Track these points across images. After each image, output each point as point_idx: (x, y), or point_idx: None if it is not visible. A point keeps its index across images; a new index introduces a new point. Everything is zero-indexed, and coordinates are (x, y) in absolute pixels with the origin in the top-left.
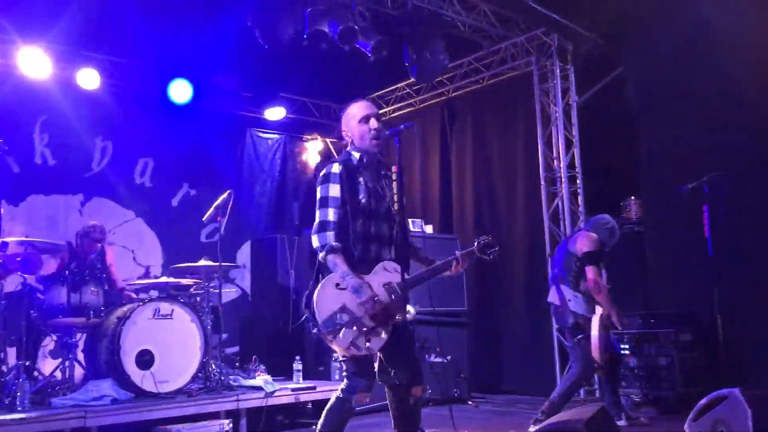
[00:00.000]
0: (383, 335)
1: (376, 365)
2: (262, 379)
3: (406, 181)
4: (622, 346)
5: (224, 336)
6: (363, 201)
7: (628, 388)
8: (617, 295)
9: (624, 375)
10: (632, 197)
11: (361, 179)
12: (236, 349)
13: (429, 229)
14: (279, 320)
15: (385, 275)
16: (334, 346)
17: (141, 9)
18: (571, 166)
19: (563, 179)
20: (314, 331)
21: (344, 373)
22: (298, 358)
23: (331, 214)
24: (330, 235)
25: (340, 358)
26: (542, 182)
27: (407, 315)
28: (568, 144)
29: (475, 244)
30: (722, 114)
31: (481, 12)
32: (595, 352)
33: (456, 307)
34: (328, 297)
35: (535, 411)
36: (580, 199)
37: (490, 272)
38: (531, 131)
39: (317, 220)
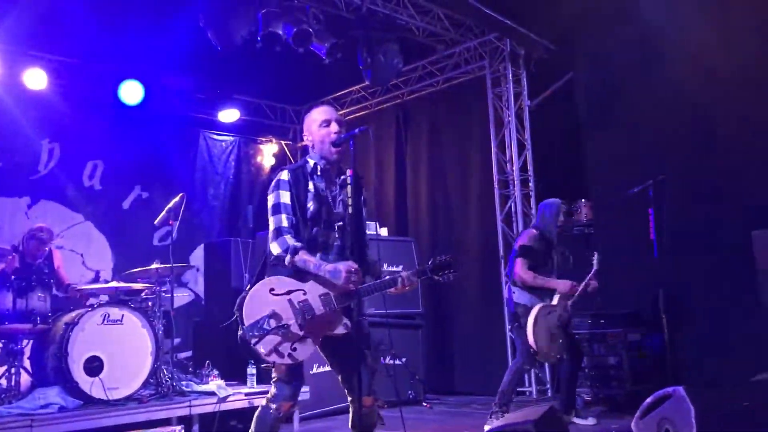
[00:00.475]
0: (311, 345)
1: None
2: (215, 384)
3: (365, 178)
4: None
5: (177, 341)
6: (311, 208)
7: (579, 388)
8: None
9: None
10: (582, 200)
11: (311, 186)
12: (189, 353)
13: (384, 231)
14: (232, 324)
15: (324, 285)
16: (257, 350)
17: (91, 8)
18: (523, 168)
19: (516, 182)
20: (239, 333)
21: (272, 380)
22: (251, 362)
23: (284, 220)
24: (288, 238)
25: (271, 367)
26: (495, 185)
27: (343, 328)
28: (521, 147)
29: (429, 263)
30: (668, 119)
31: (435, 16)
32: (531, 340)
33: (411, 309)
34: (260, 301)
35: (489, 411)
36: (532, 201)
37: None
38: (485, 134)
39: (272, 227)
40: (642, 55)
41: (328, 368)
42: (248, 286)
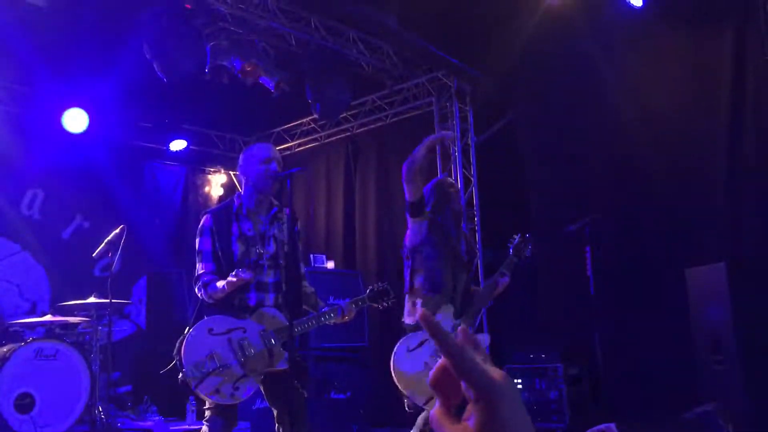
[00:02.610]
0: (253, 383)
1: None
2: (152, 421)
3: (306, 216)
4: (515, 381)
5: (117, 374)
6: (236, 251)
7: None
8: (510, 330)
9: None
10: (527, 234)
11: (235, 228)
12: (129, 388)
13: (331, 264)
14: (176, 345)
15: (262, 322)
16: (199, 393)
17: (35, 35)
18: (469, 203)
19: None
20: (179, 377)
21: (204, 418)
22: (192, 398)
23: (201, 268)
24: (206, 283)
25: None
26: None
27: (284, 363)
28: (467, 182)
29: (367, 292)
30: (605, 156)
31: (384, 53)
32: (398, 382)
33: (356, 342)
34: (199, 342)
35: None
36: (477, 236)
37: (392, 308)
38: (432, 169)
39: (196, 273)
40: (581, 92)
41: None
42: (187, 329)
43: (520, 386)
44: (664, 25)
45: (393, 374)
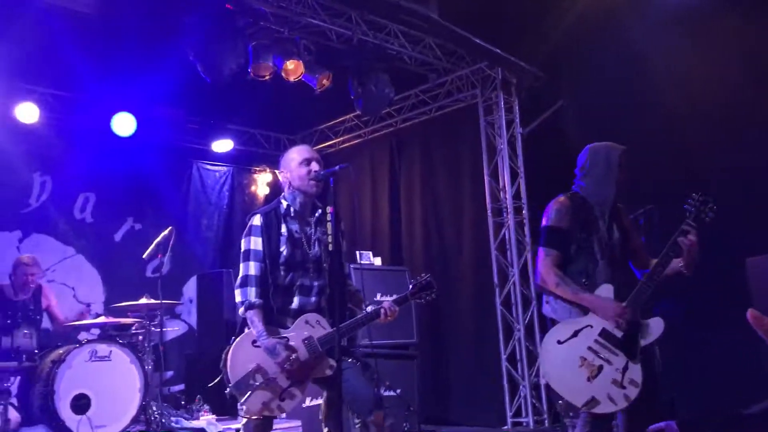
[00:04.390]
0: (299, 395)
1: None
2: (205, 420)
3: (351, 213)
4: None
5: (169, 374)
6: (284, 252)
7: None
8: None
9: None
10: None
11: (284, 229)
12: (182, 387)
13: (378, 261)
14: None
15: (306, 330)
16: (246, 408)
17: (83, 42)
18: (516, 196)
19: (509, 210)
20: (227, 391)
21: (241, 422)
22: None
23: (253, 268)
24: (251, 291)
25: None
26: (489, 213)
27: (330, 370)
28: (514, 175)
29: (409, 287)
30: (656, 145)
31: (426, 46)
32: (548, 380)
33: (405, 339)
34: (243, 356)
35: None
36: (526, 229)
37: (440, 302)
38: (477, 162)
39: (240, 274)
40: (628, 79)
41: (319, 401)
42: (233, 338)
43: None
44: (716, 8)
45: (542, 372)
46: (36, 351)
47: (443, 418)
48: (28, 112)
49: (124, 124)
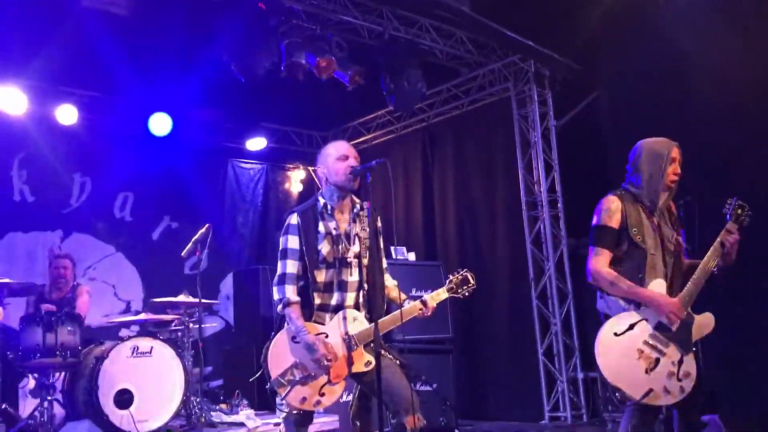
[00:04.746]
0: (337, 390)
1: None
2: (244, 414)
3: (386, 209)
4: None
5: (208, 369)
6: (322, 250)
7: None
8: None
9: None
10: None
11: (321, 227)
12: (220, 382)
13: (412, 256)
14: (262, 353)
15: (344, 326)
16: (287, 403)
17: (118, 45)
18: (551, 189)
19: (544, 203)
20: (267, 386)
21: (282, 416)
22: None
23: (290, 266)
24: (288, 288)
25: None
26: (523, 206)
27: (367, 366)
28: (548, 168)
29: (446, 282)
30: (694, 136)
31: (458, 40)
32: (605, 373)
33: (441, 333)
34: (283, 351)
35: None
36: (561, 222)
37: (475, 297)
38: (511, 155)
39: (278, 272)
40: (664, 71)
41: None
42: (272, 333)
43: None
44: None
45: (598, 364)
46: (79, 347)
47: (480, 412)
48: (67, 114)
49: (160, 124)
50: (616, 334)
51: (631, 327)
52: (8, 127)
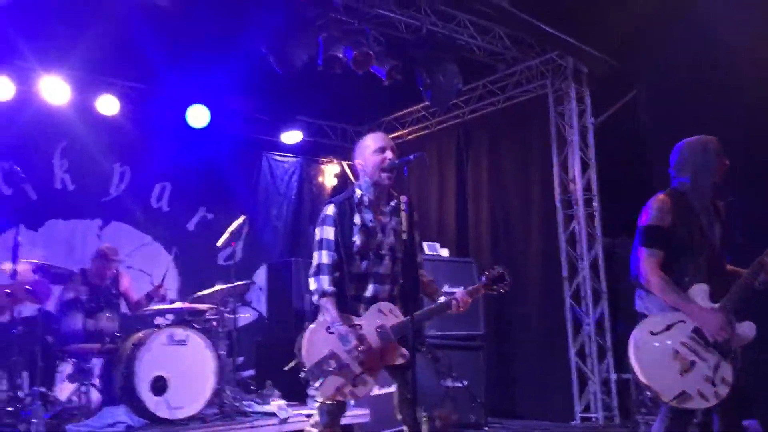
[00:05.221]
0: (371, 382)
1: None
2: (276, 404)
3: (419, 204)
4: None
5: (240, 359)
6: (357, 242)
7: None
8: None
9: None
10: None
11: (357, 219)
12: (252, 372)
13: (444, 252)
14: (294, 344)
15: (379, 318)
16: (320, 393)
17: (158, 35)
18: (587, 188)
19: (579, 202)
20: (301, 375)
21: (316, 406)
22: (309, 385)
23: (326, 257)
24: (324, 279)
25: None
26: (558, 205)
27: (401, 358)
28: (584, 166)
29: (483, 278)
30: (735, 135)
31: (495, 35)
32: (637, 371)
33: (472, 330)
34: (318, 342)
35: None
36: (596, 221)
37: (507, 295)
38: (546, 153)
39: (314, 262)
40: (707, 65)
41: (388, 390)
42: (307, 324)
43: None
44: None
45: (632, 362)
46: (117, 334)
47: (510, 410)
48: (108, 104)
49: (198, 115)
50: (652, 333)
51: (669, 327)
52: (51, 116)
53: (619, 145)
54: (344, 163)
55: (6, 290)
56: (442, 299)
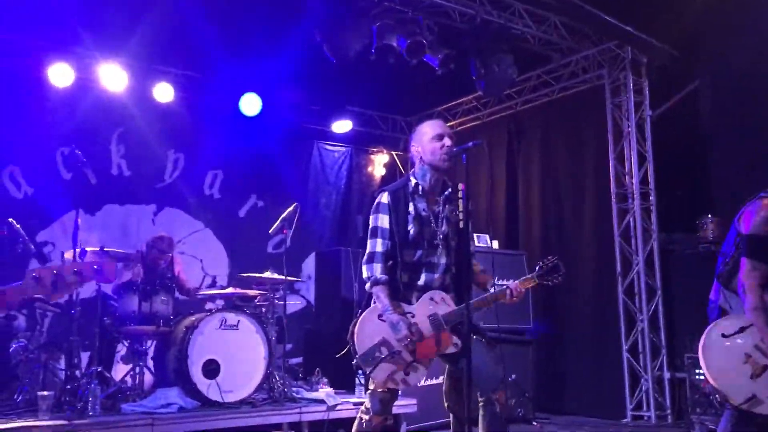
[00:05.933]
0: (423, 370)
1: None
2: (324, 392)
3: (473, 197)
4: None
5: (288, 346)
6: (411, 231)
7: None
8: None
9: None
10: (709, 215)
11: (411, 207)
12: (300, 359)
13: (495, 244)
14: (342, 333)
15: (431, 306)
16: (372, 380)
17: (213, 25)
18: (643, 181)
19: (635, 195)
20: (353, 362)
21: (368, 392)
22: (360, 372)
23: (380, 245)
24: (377, 267)
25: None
26: (613, 198)
27: (453, 347)
28: (641, 159)
29: (536, 269)
30: None
31: (551, 24)
32: (706, 372)
33: (521, 324)
34: (370, 329)
35: None
36: (653, 216)
37: (557, 289)
38: (601, 146)
39: (367, 250)
40: None
41: (435, 381)
42: (359, 311)
43: None
44: None
45: (701, 362)
46: (171, 317)
47: (558, 406)
48: (164, 92)
49: (250, 104)
50: (724, 336)
51: (742, 330)
52: (109, 102)
53: (677, 137)
54: (394, 153)
55: (74, 268)
56: (494, 289)
